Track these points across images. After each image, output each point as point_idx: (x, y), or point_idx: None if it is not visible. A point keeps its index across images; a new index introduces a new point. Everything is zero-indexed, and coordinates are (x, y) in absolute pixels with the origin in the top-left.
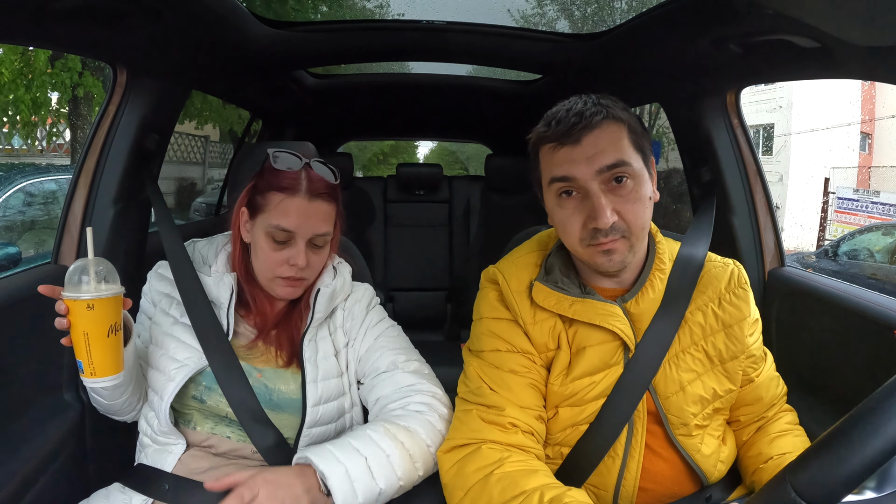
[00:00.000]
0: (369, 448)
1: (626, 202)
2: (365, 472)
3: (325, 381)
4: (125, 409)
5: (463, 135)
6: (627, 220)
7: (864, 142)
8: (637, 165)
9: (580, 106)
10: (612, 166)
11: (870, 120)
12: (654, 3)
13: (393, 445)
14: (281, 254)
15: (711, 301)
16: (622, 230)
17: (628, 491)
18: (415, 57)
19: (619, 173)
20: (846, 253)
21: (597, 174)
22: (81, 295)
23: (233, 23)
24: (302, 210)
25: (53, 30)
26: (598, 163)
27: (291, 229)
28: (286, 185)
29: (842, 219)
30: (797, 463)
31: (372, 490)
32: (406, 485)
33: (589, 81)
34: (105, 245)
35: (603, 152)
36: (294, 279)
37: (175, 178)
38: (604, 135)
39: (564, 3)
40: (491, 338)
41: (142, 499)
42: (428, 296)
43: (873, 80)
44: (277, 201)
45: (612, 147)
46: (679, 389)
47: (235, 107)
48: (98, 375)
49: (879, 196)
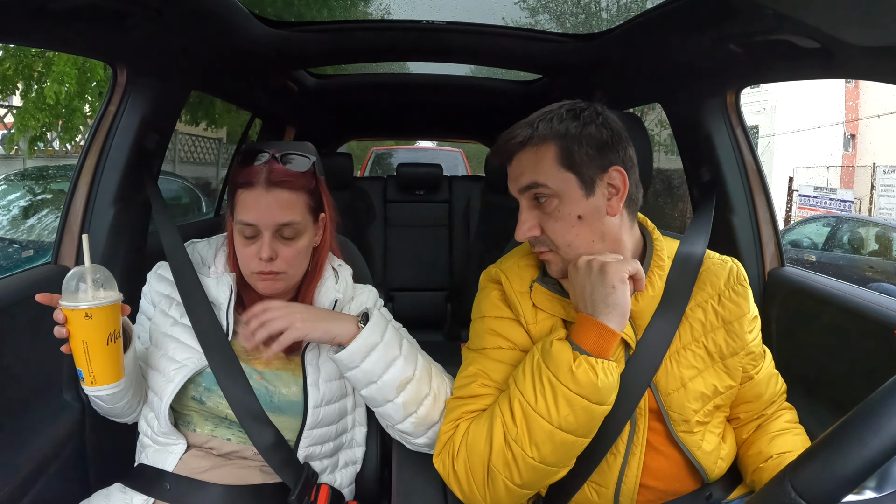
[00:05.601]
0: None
1: (548, 219)
2: (380, 363)
3: (327, 382)
4: (126, 412)
5: (463, 134)
6: (550, 237)
7: (847, 142)
8: (556, 185)
9: (517, 129)
10: (527, 187)
11: (854, 120)
12: (649, 5)
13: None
14: (251, 248)
15: (711, 298)
16: (547, 244)
17: (629, 488)
18: (415, 57)
19: (536, 193)
20: (790, 241)
21: (520, 193)
22: (79, 304)
23: (233, 23)
24: (260, 201)
25: (53, 30)
26: (519, 183)
27: (252, 222)
28: (244, 180)
29: (803, 214)
30: (797, 463)
31: (370, 375)
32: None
33: (588, 81)
34: (105, 245)
35: (522, 174)
36: (266, 273)
37: (192, 178)
38: (524, 157)
39: (557, 13)
40: (493, 336)
41: (143, 499)
42: (428, 296)
43: (873, 80)
44: (241, 196)
45: (530, 169)
46: (680, 386)
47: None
48: (99, 384)
49: (836, 193)
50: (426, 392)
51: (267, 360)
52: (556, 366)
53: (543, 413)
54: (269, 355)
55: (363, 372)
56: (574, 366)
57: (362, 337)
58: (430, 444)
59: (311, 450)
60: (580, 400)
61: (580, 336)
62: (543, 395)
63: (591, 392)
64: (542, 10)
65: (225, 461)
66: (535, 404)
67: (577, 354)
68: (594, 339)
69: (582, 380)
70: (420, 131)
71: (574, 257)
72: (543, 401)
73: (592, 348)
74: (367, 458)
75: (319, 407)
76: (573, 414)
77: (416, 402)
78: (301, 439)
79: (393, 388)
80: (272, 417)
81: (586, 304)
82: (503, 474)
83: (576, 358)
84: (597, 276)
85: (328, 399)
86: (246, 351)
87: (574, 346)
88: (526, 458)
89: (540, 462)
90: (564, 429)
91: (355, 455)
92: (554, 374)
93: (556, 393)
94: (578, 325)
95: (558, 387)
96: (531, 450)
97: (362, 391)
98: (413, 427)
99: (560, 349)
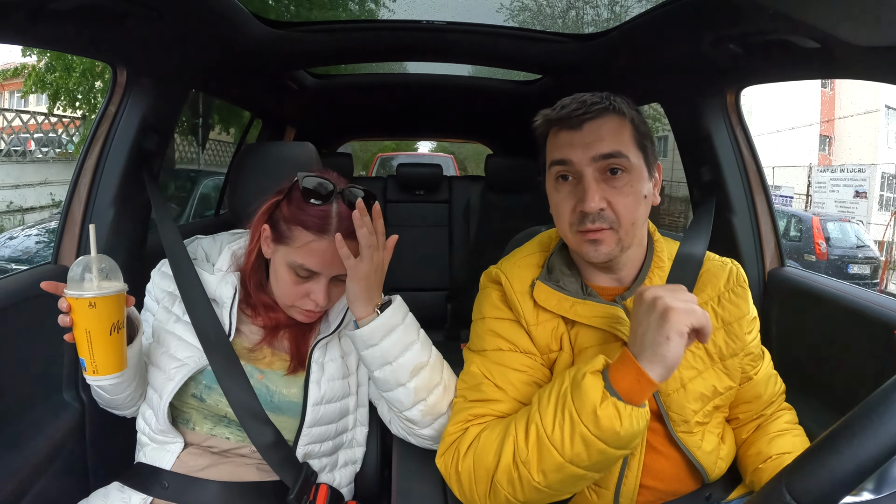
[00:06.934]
0: (424, 343)
1: (619, 194)
2: (398, 345)
3: (329, 382)
4: (127, 404)
5: (463, 135)
6: (617, 212)
7: (823, 142)
8: (635, 161)
9: (587, 97)
10: (607, 155)
11: (829, 121)
12: (649, 5)
13: (435, 363)
14: (302, 287)
15: (711, 299)
16: (610, 220)
17: (629, 489)
18: (415, 57)
19: (614, 164)
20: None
21: (592, 161)
22: (84, 293)
23: (233, 23)
24: (330, 252)
25: (53, 30)
26: (595, 150)
27: (317, 270)
28: (313, 226)
29: None
30: (793, 467)
31: (387, 355)
32: (410, 388)
33: (589, 82)
34: (105, 245)
35: (601, 140)
36: (313, 312)
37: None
38: (605, 125)
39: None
40: (493, 337)
41: (141, 497)
42: (428, 296)
43: (873, 80)
44: (304, 241)
45: (611, 137)
46: (680, 387)
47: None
48: (100, 374)
49: (780, 189)
50: (437, 381)
51: (269, 362)
52: (580, 402)
53: (557, 444)
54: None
55: (381, 350)
56: (600, 408)
57: (385, 315)
58: (434, 436)
59: (309, 448)
60: (598, 443)
61: (616, 375)
62: (561, 428)
63: (611, 437)
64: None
65: (222, 459)
66: (550, 433)
67: (606, 395)
68: (630, 383)
69: (604, 424)
70: (420, 131)
71: (629, 241)
72: (560, 432)
73: (625, 392)
74: (367, 458)
75: (319, 405)
76: (587, 452)
77: (427, 390)
78: (300, 437)
79: (407, 372)
80: (272, 417)
81: (636, 342)
82: (506, 490)
83: (604, 399)
84: (656, 319)
85: (328, 398)
86: (247, 349)
87: (607, 382)
88: (531, 482)
89: (546, 487)
90: (576, 463)
91: (355, 455)
92: (577, 409)
93: (574, 430)
94: (619, 362)
95: (578, 424)
96: (538, 475)
97: (375, 372)
98: (421, 415)
99: (590, 385)
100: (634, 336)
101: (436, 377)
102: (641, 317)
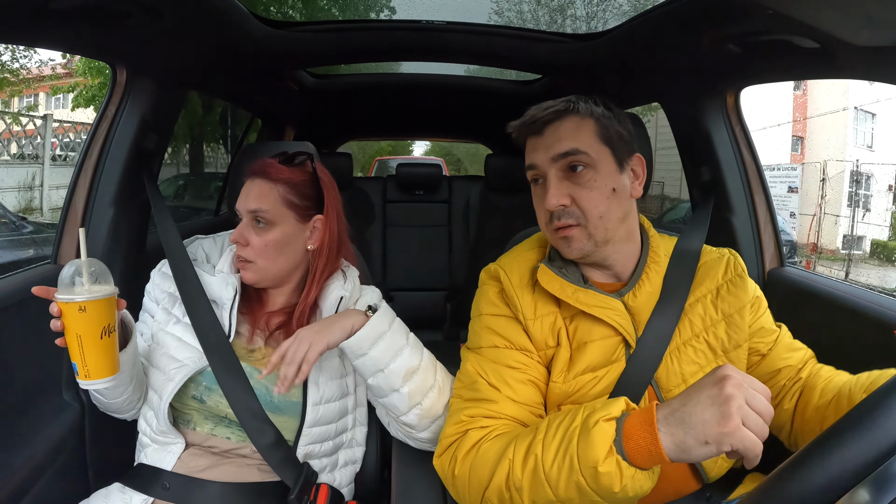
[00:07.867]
0: (413, 347)
1: (582, 189)
2: (388, 351)
3: (327, 382)
4: (126, 408)
5: (463, 135)
6: (582, 207)
7: (796, 143)
8: (596, 156)
9: (550, 103)
10: (565, 154)
11: (803, 119)
12: (649, 5)
13: (427, 366)
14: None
15: (710, 292)
16: (576, 216)
17: None
18: (415, 57)
19: (573, 161)
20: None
21: (552, 161)
22: (74, 297)
23: (232, 23)
24: (243, 190)
25: (53, 30)
26: (554, 150)
27: (237, 208)
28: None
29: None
30: (785, 470)
31: (377, 362)
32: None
33: (589, 81)
34: (105, 245)
35: (559, 140)
36: (239, 258)
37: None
38: (563, 125)
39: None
40: (489, 334)
41: (142, 498)
42: (427, 296)
43: (873, 80)
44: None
45: (569, 136)
46: (682, 382)
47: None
48: (92, 378)
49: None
50: (431, 383)
51: (268, 361)
52: (584, 450)
53: (552, 482)
54: (302, 378)
55: (371, 359)
56: (602, 464)
57: (371, 325)
58: (432, 439)
59: (310, 448)
60: (592, 494)
61: (631, 432)
62: (560, 468)
63: (606, 495)
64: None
65: (223, 459)
66: (548, 469)
67: (612, 450)
68: (642, 449)
69: (602, 482)
70: (420, 131)
71: (602, 235)
72: (557, 472)
73: (633, 454)
74: (367, 458)
75: (319, 405)
76: (579, 499)
77: (422, 393)
78: (300, 437)
79: (399, 377)
80: (272, 417)
81: (668, 411)
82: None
83: (608, 455)
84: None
85: (328, 397)
86: (247, 350)
87: (619, 434)
88: None
89: None
90: (566, 503)
91: (355, 455)
92: (579, 456)
93: (571, 476)
94: (641, 420)
95: (576, 472)
96: (528, 503)
97: (369, 380)
98: (417, 419)
99: (599, 436)
100: (670, 405)
101: (429, 380)
102: (698, 394)
